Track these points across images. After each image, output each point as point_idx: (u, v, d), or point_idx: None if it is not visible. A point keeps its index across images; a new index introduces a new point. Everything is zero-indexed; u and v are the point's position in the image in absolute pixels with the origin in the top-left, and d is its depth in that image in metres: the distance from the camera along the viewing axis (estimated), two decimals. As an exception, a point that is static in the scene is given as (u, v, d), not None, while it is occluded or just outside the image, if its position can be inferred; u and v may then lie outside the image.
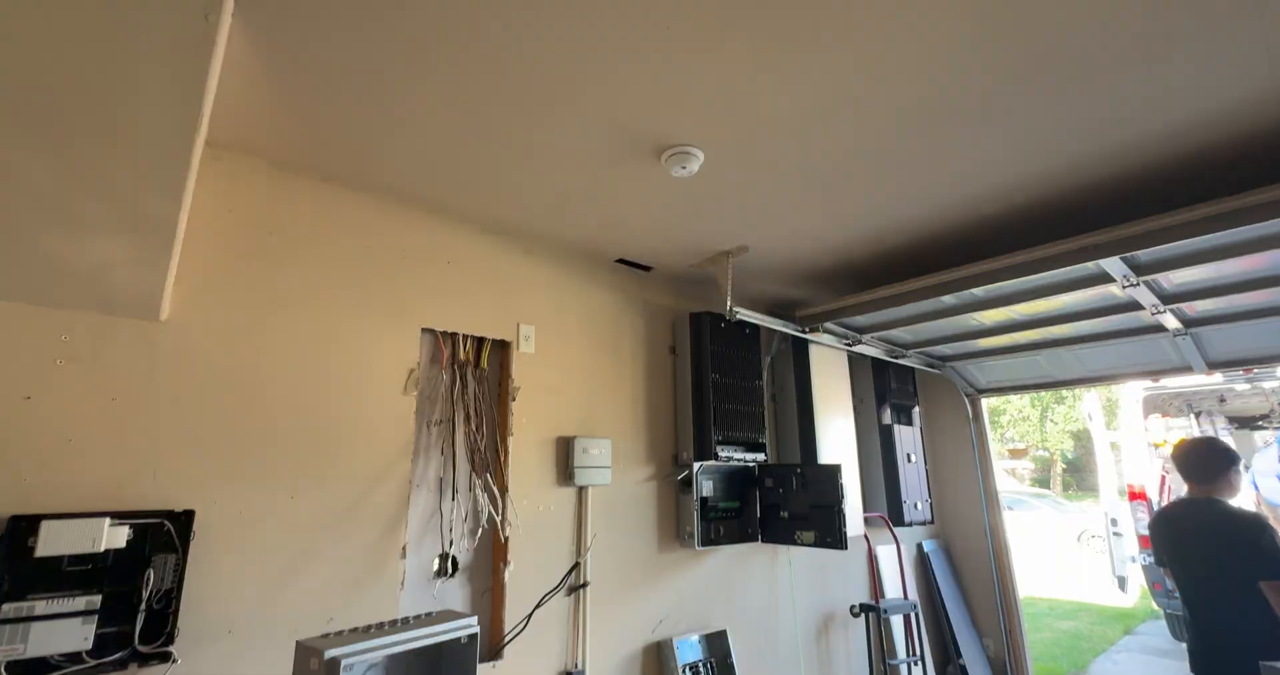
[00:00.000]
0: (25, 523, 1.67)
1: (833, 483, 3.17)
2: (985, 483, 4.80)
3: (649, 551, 3.09)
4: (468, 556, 2.58)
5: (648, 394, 3.30)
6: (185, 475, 1.94)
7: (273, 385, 2.15)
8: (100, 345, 1.88)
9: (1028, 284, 3.01)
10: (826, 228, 2.86)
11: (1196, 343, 3.64)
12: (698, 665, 3.05)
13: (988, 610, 4.64)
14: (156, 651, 1.78)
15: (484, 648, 2.50)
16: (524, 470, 2.72)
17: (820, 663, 3.76)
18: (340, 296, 2.35)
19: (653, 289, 3.48)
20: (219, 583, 1.94)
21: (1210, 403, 6.89)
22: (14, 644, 1.60)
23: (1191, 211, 2.32)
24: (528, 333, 2.86)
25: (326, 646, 1.45)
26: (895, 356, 4.23)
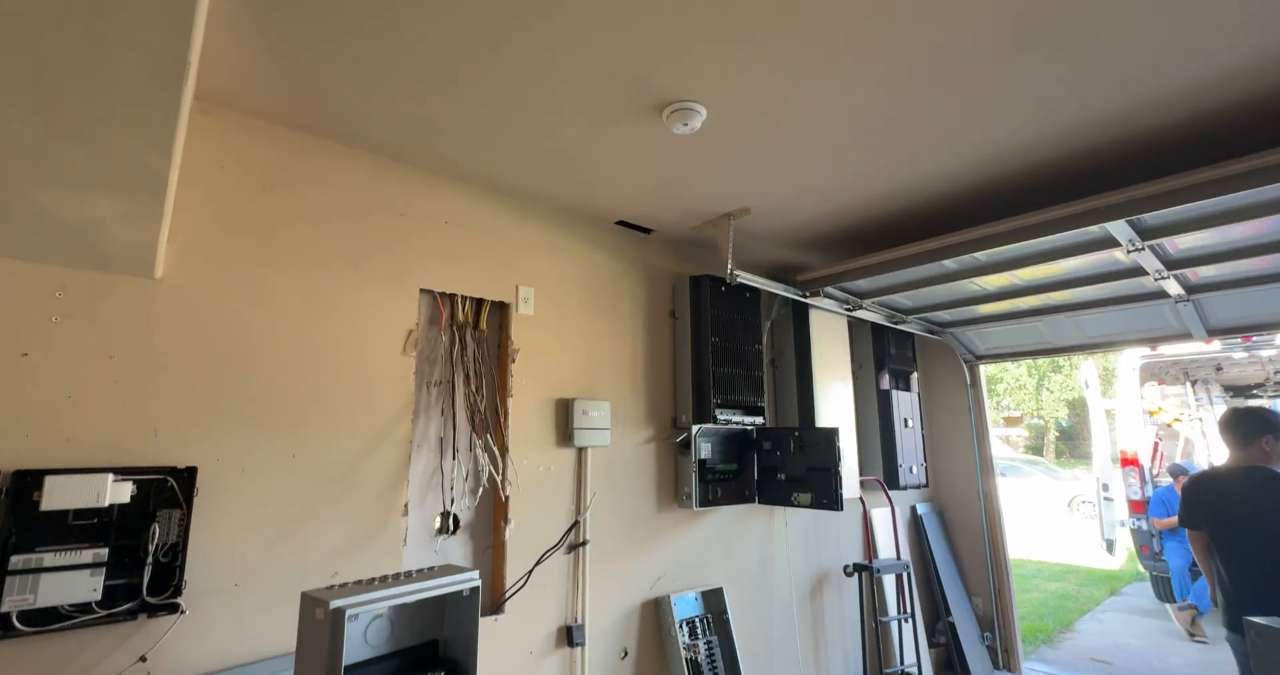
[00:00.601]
0: (29, 477, 1.68)
1: (830, 446, 3.20)
2: (980, 448, 4.85)
3: (648, 512, 3.14)
4: (469, 515, 2.62)
5: (647, 357, 3.30)
6: (186, 433, 1.95)
7: (271, 344, 2.14)
8: (96, 302, 1.86)
9: (1031, 248, 2.98)
10: (830, 190, 2.82)
11: (1198, 309, 3.63)
12: (694, 621, 3.13)
13: (978, 571, 4.75)
14: (165, 603, 1.82)
15: (486, 602, 2.56)
16: (524, 431, 2.73)
17: (814, 619, 3.87)
18: (337, 256, 2.33)
19: (653, 252, 3.45)
20: (224, 538, 1.97)
21: (1207, 371, 6.94)
22: (24, 594, 1.64)
23: (1201, 173, 2.28)
24: (527, 295, 2.84)
25: (331, 597, 1.48)
26: (895, 322, 4.23)
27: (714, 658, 3.09)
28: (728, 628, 3.19)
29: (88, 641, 1.74)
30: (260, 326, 2.13)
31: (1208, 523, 2.93)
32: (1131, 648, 5.19)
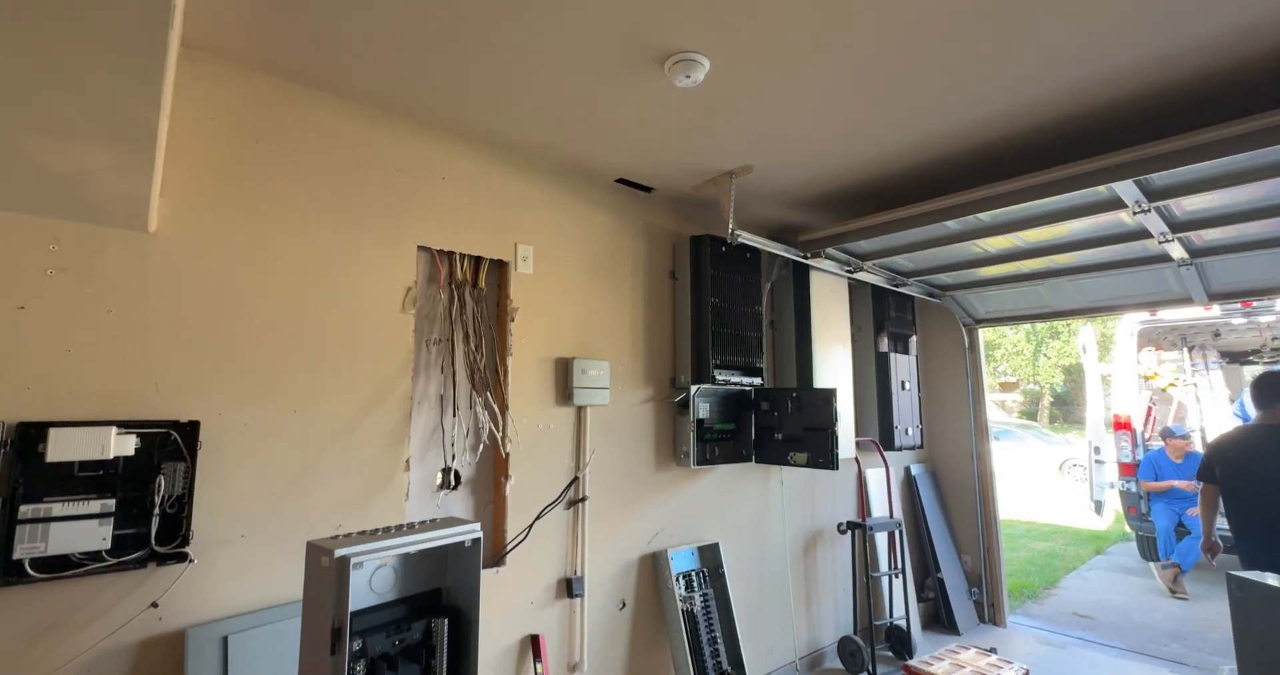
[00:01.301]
0: (34, 429, 1.70)
1: (827, 406, 3.22)
2: (976, 411, 4.90)
3: (646, 469, 3.19)
4: (470, 471, 2.65)
5: (647, 317, 3.30)
6: (187, 387, 1.96)
7: (268, 300, 2.13)
8: (90, 256, 1.84)
9: (1036, 209, 2.95)
10: (834, 148, 2.76)
11: (1200, 273, 3.62)
12: (690, 574, 3.21)
13: (968, 530, 4.85)
14: (173, 552, 1.86)
15: (487, 555, 2.62)
16: (523, 389, 2.75)
17: (807, 574, 3.97)
18: (332, 211, 2.30)
19: (653, 211, 3.40)
20: (229, 491, 2.00)
21: (1205, 337, 6.95)
22: (35, 542, 1.67)
23: (1211, 132, 2.24)
24: (526, 253, 2.82)
25: (336, 546, 1.51)
26: (895, 285, 4.21)
27: (709, 610, 3.18)
28: (723, 581, 3.28)
29: (100, 588, 1.78)
30: (256, 281, 2.12)
31: (1220, 476, 3.03)
32: (1114, 603, 5.35)
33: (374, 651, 1.61)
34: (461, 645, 1.75)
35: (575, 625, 2.82)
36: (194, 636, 1.87)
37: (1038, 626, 4.71)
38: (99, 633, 1.76)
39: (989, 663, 3.44)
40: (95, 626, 1.76)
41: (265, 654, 1.95)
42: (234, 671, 1.88)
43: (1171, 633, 4.63)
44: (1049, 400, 22.26)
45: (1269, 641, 1.67)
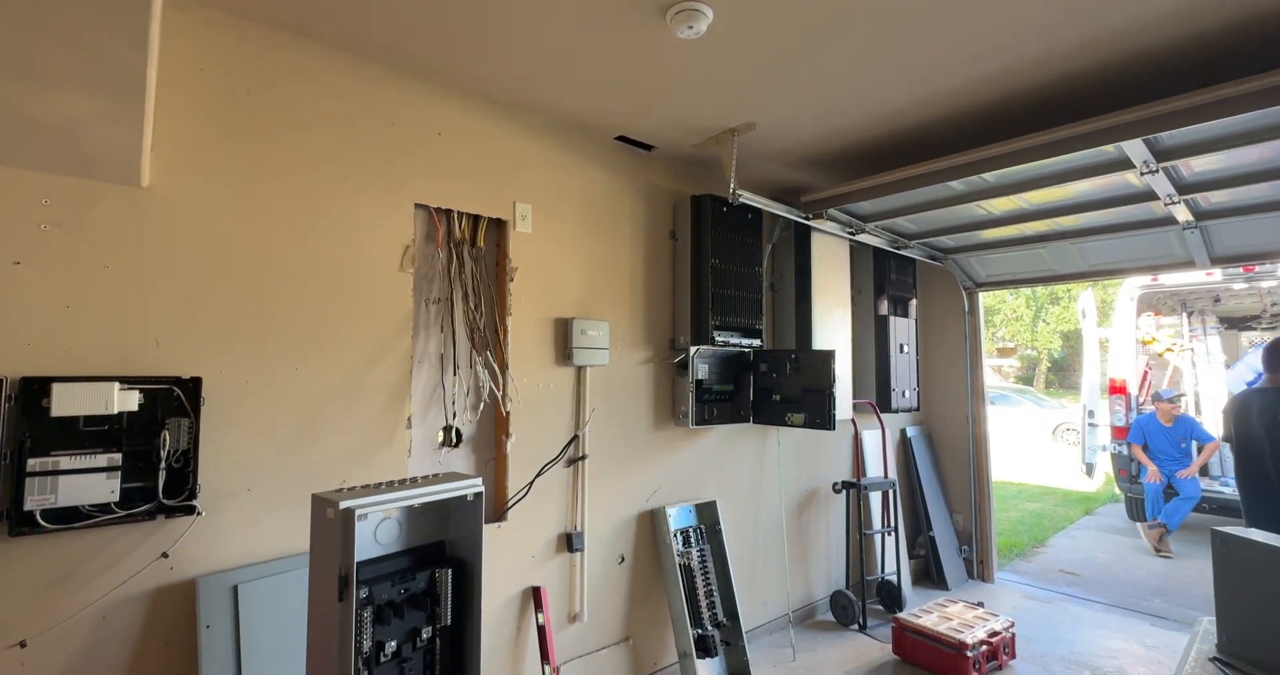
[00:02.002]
0: (36, 384, 1.71)
1: (825, 367, 3.24)
2: (973, 375, 4.93)
3: (645, 429, 3.23)
4: (471, 429, 2.69)
5: (647, 278, 3.28)
6: (188, 344, 1.97)
7: (266, 257, 2.12)
8: (84, 211, 1.82)
9: (1042, 170, 2.91)
10: (839, 104, 2.70)
11: (1204, 236, 3.59)
12: (688, 531, 3.29)
13: (960, 491, 4.95)
14: (181, 505, 1.90)
15: (489, 511, 2.68)
16: (523, 349, 2.76)
17: (802, 532, 4.07)
18: (327, 167, 2.26)
19: (654, 170, 3.35)
20: (233, 446, 2.03)
21: (1205, 302, 6.94)
22: (45, 494, 1.70)
23: (1223, 89, 2.19)
24: (524, 212, 2.79)
25: (341, 499, 1.54)
26: (897, 247, 4.18)
27: (706, 564, 3.27)
28: (719, 538, 3.35)
29: (111, 538, 1.82)
30: (252, 238, 2.10)
31: (1233, 437, 3.23)
32: (1100, 561, 5.50)
33: (380, 599, 1.65)
34: (465, 594, 1.80)
35: (575, 578, 2.90)
36: (205, 585, 1.92)
37: (1024, 583, 4.85)
38: (113, 581, 1.82)
39: (975, 615, 3.55)
40: (109, 575, 1.81)
41: (275, 602, 2.01)
42: (245, 618, 1.94)
43: (1154, 589, 4.77)
44: (1046, 366, 22.39)
45: (1245, 592, 1.72)
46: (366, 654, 1.60)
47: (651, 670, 3.19)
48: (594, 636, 2.96)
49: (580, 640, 2.90)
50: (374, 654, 1.62)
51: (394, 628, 1.66)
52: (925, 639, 3.38)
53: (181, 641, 1.90)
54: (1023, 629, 3.73)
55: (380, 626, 1.64)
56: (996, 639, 3.37)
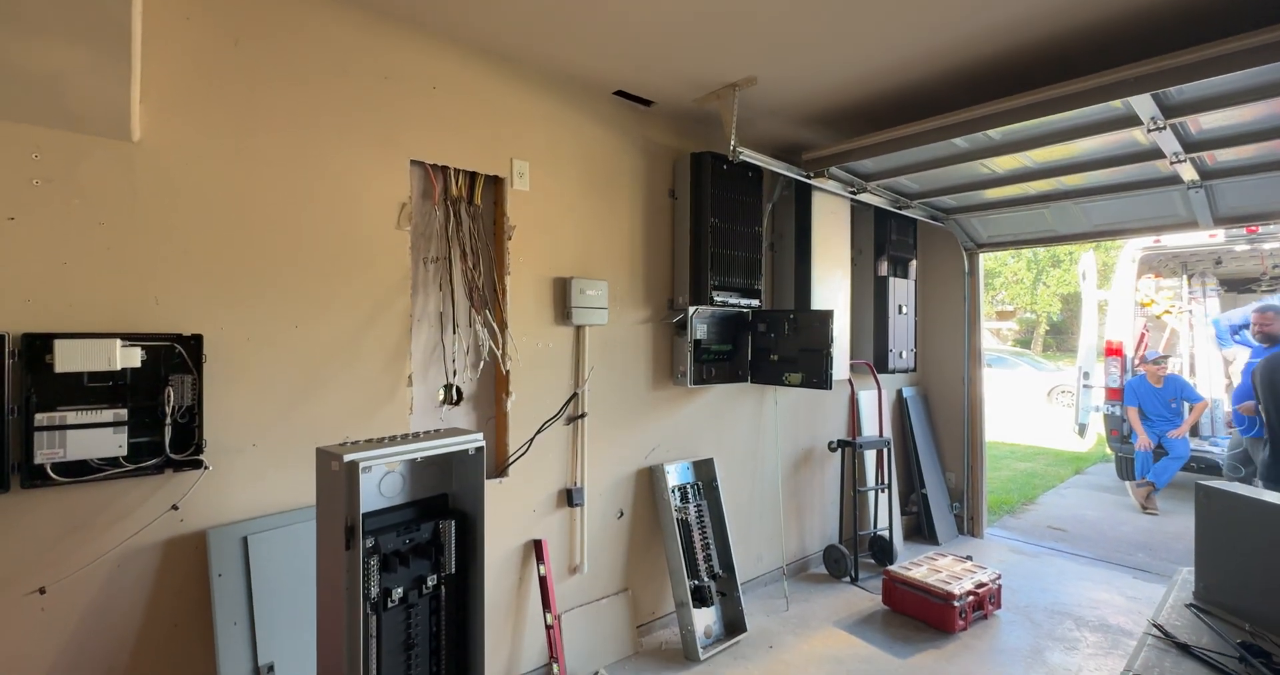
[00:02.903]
0: (39, 341, 1.72)
1: (823, 327, 3.26)
2: (970, 336, 4.95)
3: (643, 388, 3.26)
4: (471, 387, 2.71)
5: (645, 238, 3.26)
6: (187, 301, 1.97)
7: (261, 213, 2.10)
8: (75, 165, 1.80)
9: (1048, 126, 2.86)
10: (844, 56, 2.63)
11: (1208, 196, 3.56)
12: (685, 487, 3.36)
13: (954, 450, 5.03)
14: (188, 459, 1.94)
15: (490, 467, 2.73)
16: (522, 308, 2.77)
17: (797, 489, 4.16)
18: (321, 121, 2.22)
19: (653, 127, 3.29)
20: (237, 403, 2.06)
21: (1206, 264, 6.92)
22: (54, 448, 1.73)
23: (1235, 42, 2.14)
24: (522, 169, 2.75)
25: (345, 452, 1.57)
26: (899, 207, 4.14)
27: (703, 519, 3.35)
28: (716, 494, 3.43)
29: (121, 491, 1.87)
30: (248, 194, 2.08)
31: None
32: (1087, 518, 5.63)
33: (386, 549, 1.70)
34: (468, 545, 1.86)
35: (575, 532, 2.98)
36: (215, 536, 1.97)
37: (1013, 538, 4.98)
38: (125, 532, 1.87)
39: (964, 568, 3.67)
40: (121, 526, 1.86)
41: (284, 552, 2.07)
42: (255, 568, 2.01)
43: (1139, 544, 4.90)
44: (1044, 329, 22.44)
45: (1223, 543, 1.78)
46: (374, 600, 1.66)
47: (649, 619, 3.31)
48: (594, 587, 3.06)
49: (581, 590, 3.00)
50: (381, 600, 1.68)
51: (400, 575, 1.72)
52: (914, 590, 3.49)
53: (195, 589, 1.97)
54: (1009, 581, 3.85)
55: (387, 574, 1.69)
56: (983, 590, 3.49)
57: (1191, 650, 1.56)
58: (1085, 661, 3.11)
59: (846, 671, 2.97)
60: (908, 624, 3.45)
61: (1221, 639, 1.62)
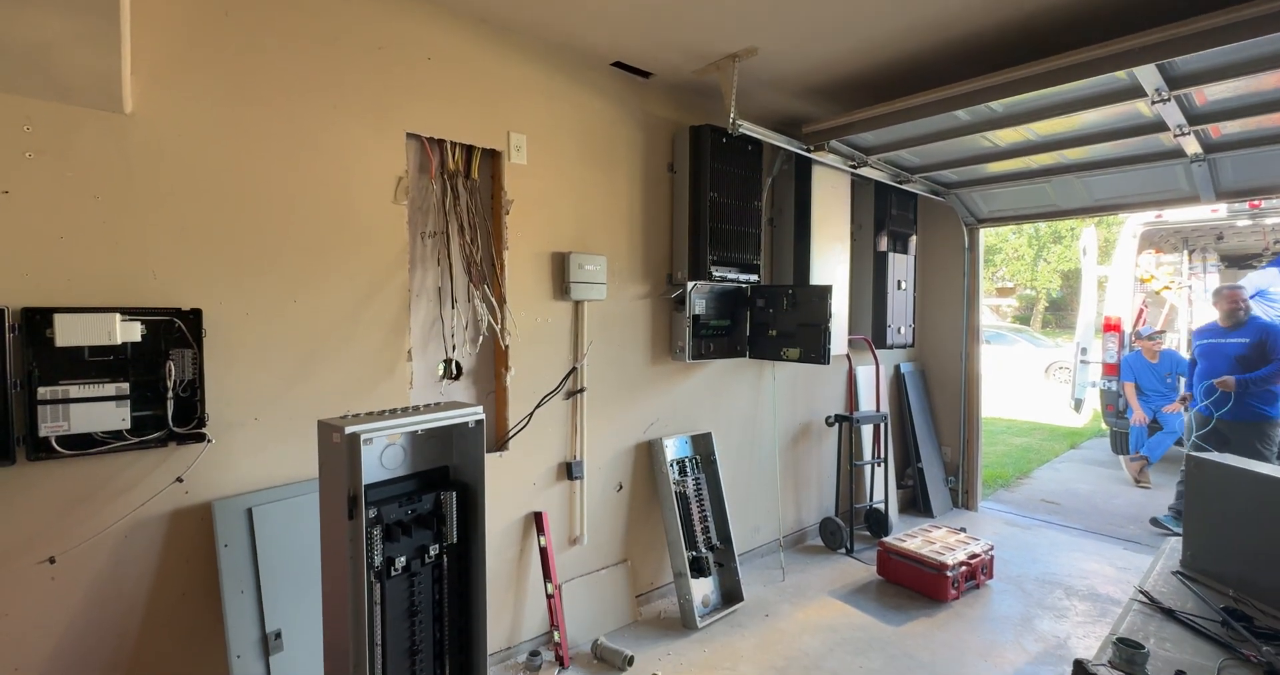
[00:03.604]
0: (38, 315, 1.73)
1: (822, 302, 3.26)
2: (969, 313, 4.95)
3: (642, 363, 3.28)
4: (471, 362, 2.73)
5: (644, 212, 3.25)
6: (185, 276, 1.97)
7: (258, 187, 2.09)
8: (68, 138, 1.78)
9: (1051, 98, 2.83)
10: (847, 23, 2.59)
11: (1211, 170, 3.54)
12: (684, 461, 3.40)
13: (950, 425, 5.08)
14: (191, 433, 1.96)
15: (490, 441, 2.76)
16: (520, 283, 2.76)
17: (795, 463, 4.20)
18: (316, 92, 2.19)
19: (652, 99, 3.25)
20: (238, 377, 2.07)
21: (1208, 240, 6.89)
22: (58, 421, 1.75)
23: (1243, 10, 2.10)
24: (519, 142, 2.73)
25: (346, 424, 1.59)
26: (899, 181, 4.11)
27: (701, 492, 3.40)
28: (715, 467, 3.47)
29: (126, 464, 1.89)
30: (244, 167, 2.06)
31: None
32: (1081, 491, 5.71)
33: (389, 519, 1.74)
34: (469, 515, 1.89)
35: (575, 504, 3.02)
36: (220, 508, 2.01)
37: (1007, 511, 5.06)
38: (131, 503, 1.90)
39: (957, 539, 3.73)
40: (127, 498, 1.89)
41: (288, 523, 2.10)
42: (261, 538, 2.04)
43: (1131, 516, 4.98)
44: (1044, 306, 22.44)
45: (1211, 511, 1.81)
46: (378, 568, 1.69)
47: (648, 589, 3.37)
48: (594, 558, 3.11)
49: (581, 561, 3.06)
50: (385, 568, 1.71)
51: (403, 545, 1.76)
52: (908, 561, 3.56)
53: (202, 558, 2.01)
54: (1001, 552, 3.92)
55: (390, 543, 1.73)
56: (976, 560, 3.55)
57: (1176, 615, 1.60)
58: (1074, 629, 3.18)
59: (840, 639, 3.04)
60: (901, 594, 3.52)
61: (1205, 604, 1.66)
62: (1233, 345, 4.39)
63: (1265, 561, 1.66)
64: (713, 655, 2.90)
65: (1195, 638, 1.52)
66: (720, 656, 2.89)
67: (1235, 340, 4.39)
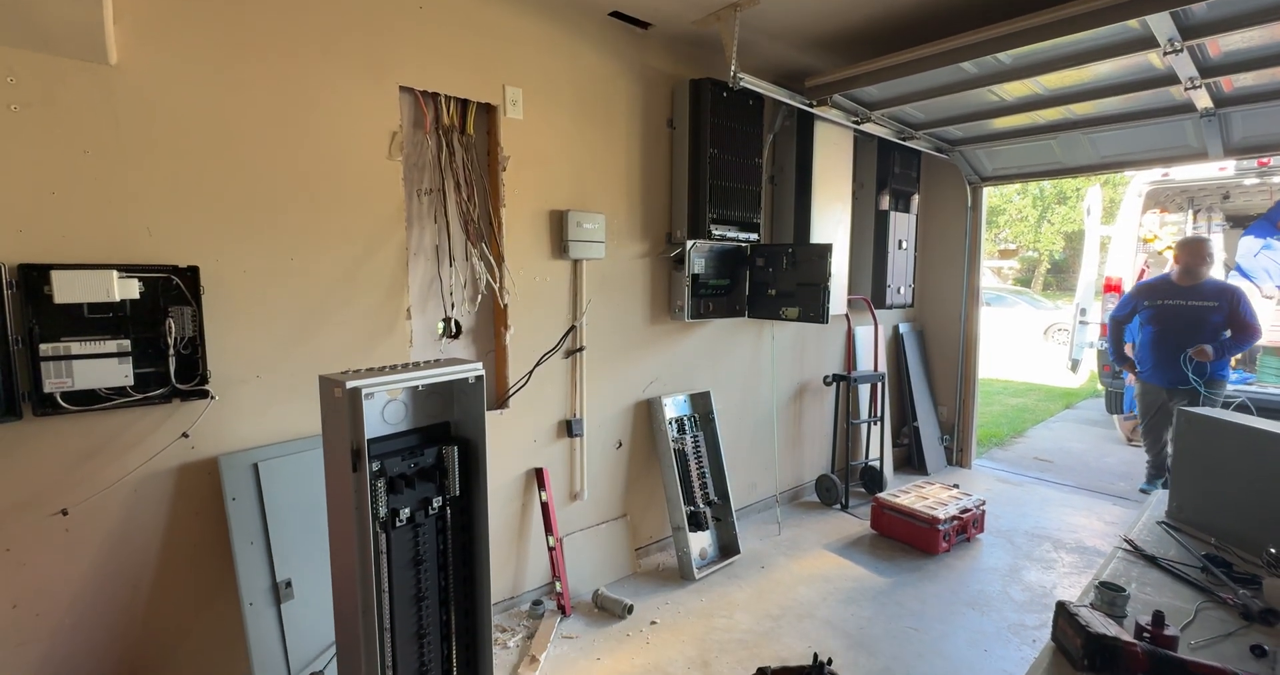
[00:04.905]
0: (35, 271, 1.73)
1: (822, 261, 3.24)
2: (970, 274, 4.94)
3: (641, 323, 3.29)
4: (470, 321, 2.73)
5: (643, 169, 3.20)
6: (179, 233, 1.96)
7: (247, 143, 2.05)
8: (52, 89, 1.74)
9: (1060, 49, 2.75)
10: (850, -28, 2.50)
11: (1222, 125, 3.47)
12: (683, 419, 3.44)
13: (947, 385, 5.12)
14: (194, 389, 1.98)
15: (491, 399, 2.79)
16: (518, 242, 2.75)
17: (792, 421, 4.26)
18: (303, 43, 2.13)
19: (651, 51, 3.16)
20: (238, 335, 2.08)
21: (1214, 199, 6.80)
22: (61, 378, 1.77)
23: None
24: (515, 97, 2.67)
25: (347, 379, 1.60)
26: (903, 137, 4.04)
27: (699, 450, 3.45)
28: (713, 426, 3.52)
29: (132, 420, 1.92)
30: (232, 122, 2.02)
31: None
32: (1073, 450, 5.80)
33: (392, 472, 1.77)
34: (471, 469, 1.92)
35: (575, 461, 3.07)
36: (226, 462, 2.04)
37: (1000, 468, 5.15)
38: (139, 458, 1.93)
39: (950, 495, 3.81)
40: (134, 452, 1.93)
41: (294, 478, 2.15)
42: (268, 491, 2.09)
43: (1121, 474, 5.07)
44: (1046, 267, 22.32)
45: (1198, 465, 1.85)
46: (383, 519, 1.74)
47: (647, 543, 3.46)
48: (594, 513, 3.18)
49: (581, 516, 3.13)
50: (390, 519, 1.76)
51: (406, 497, 1.79)
52: (901, 515, 3.64)
53: (211, 512, 2.06)
54: (993, 508, 4.01)
55: (394, 495, 1.76)
56: (967, 515, 3.64)
57: (1158, 561, 1.65)
58: (1061, 579, 3.28)
59: (834, 588, 3.14)
60: (894, 547, 3.62)
61: (1188, 552, 1.71)
62: (1202, 309, 3.99)
63: (1247, 510, 1.71)
64: (709, 604, 3.00)
65: (1176, 582, 1.57)
66: (717, 605, 2.98)
67: (1203, 303, 4.00)
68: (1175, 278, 4.13)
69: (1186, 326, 4.03)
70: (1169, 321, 4.11)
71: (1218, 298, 3.98)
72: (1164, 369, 4.14)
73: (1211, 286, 4.05)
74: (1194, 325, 4.01)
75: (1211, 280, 4.10)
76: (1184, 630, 1.35)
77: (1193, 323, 4.02)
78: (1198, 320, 4.00)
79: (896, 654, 2.62)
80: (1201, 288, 4.05)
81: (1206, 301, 4.00)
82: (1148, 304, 4.24)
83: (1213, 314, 3.97)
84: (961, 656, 2.61)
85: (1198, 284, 4.06)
